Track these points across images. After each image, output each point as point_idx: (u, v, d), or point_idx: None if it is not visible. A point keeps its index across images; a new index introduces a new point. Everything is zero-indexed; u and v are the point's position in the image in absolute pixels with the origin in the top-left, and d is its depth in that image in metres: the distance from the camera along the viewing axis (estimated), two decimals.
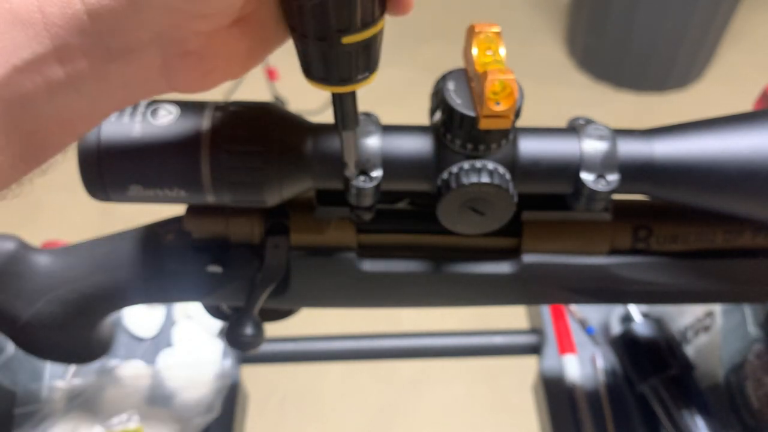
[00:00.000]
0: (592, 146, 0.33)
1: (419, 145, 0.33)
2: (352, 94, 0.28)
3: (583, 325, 0.62)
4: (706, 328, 0.55)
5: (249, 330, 0.36)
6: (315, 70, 0.26)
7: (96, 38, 0.22)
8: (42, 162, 0.24)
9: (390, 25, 0.26)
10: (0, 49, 0.21)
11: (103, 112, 0.25)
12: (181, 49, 0.24)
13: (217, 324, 0.60)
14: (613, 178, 0.32)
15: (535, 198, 0.36)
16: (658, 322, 0.57)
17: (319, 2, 0.23)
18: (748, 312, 0.51)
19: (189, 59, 0.24)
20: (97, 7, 0.21)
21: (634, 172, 0.33)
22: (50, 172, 0.26)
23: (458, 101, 0.31)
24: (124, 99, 0.25)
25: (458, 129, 0.31)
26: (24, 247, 0.40)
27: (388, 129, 0.33)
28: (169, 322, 0.61)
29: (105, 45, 0.22)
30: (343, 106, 0.28)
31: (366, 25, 0.24)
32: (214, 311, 0.43)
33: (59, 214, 1.39)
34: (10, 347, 0.54)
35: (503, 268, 0.38)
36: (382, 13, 0.25)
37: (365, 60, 0.25)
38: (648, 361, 0.55)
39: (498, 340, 0.64)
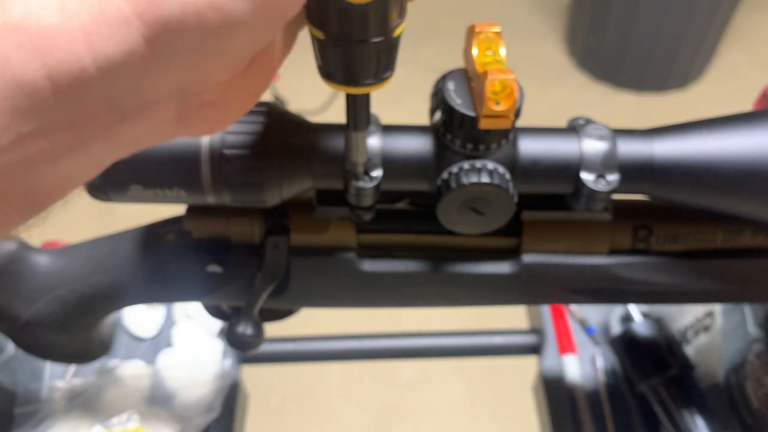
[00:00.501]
0: (592, 146, 0.33)
1: (419, 145, 0.33)
2: (367, 96, 0.27)
3: (583, 325, 0.62)
4: (706, 328, 0.55)
5: (249, 330, 0.36)
6: (335, 72, 0.25)
7: (109, 102, 0.20)
8: (40, 212, 0.22)
9: None
10: (4, 116, 0.19)
11: (108, 163, 0.23)
12: (199, 101, 0.22)
13: (217, 324, 0.60)
14: (613, 178, 0.32)
15: (535, 198, 0.36)
16: (658, 322, 0.57)
17: (362, 7, 0.22)
18: (748, 312, 0.51)
19: (206, 110, 0.23)
20: (110, 65, 0.19)
21: (634, 172, 0.33)
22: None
23: (458, 101, 0.31)
24: (132, 150, 0.23)
25: (458, 129, 0.31)
26: (24, 247, 0.40)
27: (388, 129, 0.33)
28: (169, 322, 0.61)
29: (118, 107, 0.20)
30: (357, 107, 0.28)
31: (395, 27, 0.24)
32: (214, 311, 0.43)
33: (59, 214, 1.39)
34: (10, 347, 0.54)
35: (503, 268, 0.38)
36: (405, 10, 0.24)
37: (387, 60, 0.25)
38: (648, 361, 0.55)
39: (498, 340, 0.64)
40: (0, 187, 0.20)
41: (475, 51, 0.30)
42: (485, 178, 0.31)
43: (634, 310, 0.59)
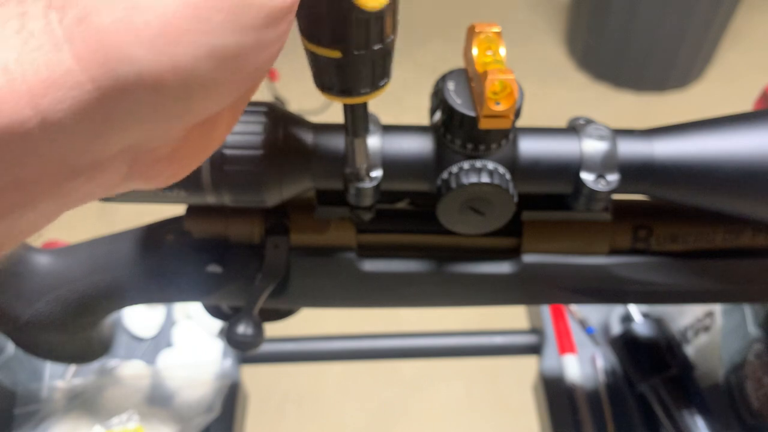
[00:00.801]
0: (592, 146, 0.33)
1: (419, 145, 0.33)
2: (364, 104, 0.27)
3: (583, 325, 0.62)
4: (706, 328, 0.55)
5: (249, 330, 0.36)
6: (331, 83, 0.25)
7: (57, 160, 0.18)
8: None
9: None
10: None
11: (55, 218, 0.21)
12: (153, 157, 0.21)
13: (217, 324, 0.60)
14: (613, 178, 0.32)
15: (535, 198, 0.36)
16: (658, 322, 0.57)
17: (365, 18, 0.22)
18: (748, 312, 0.51)
19: (158, 165, 0.21)
20: (59, 127, 0.17)
21: (634, 172, 0.33)
22: None
23: (458, 101, 0.31)
24: (80, 204, 0.21)
25: (458, 129, 0.31)
26: (24, 247, 0.40)
27: (388, 129, 0.33)
28: (169, 322, 0.61)
29: (68, 165, 0.19)
30: (355, 115, 0.28)
31: (394, 30, 0.24)
32: (214, 311, 0.43)
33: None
34: (10, 347, 0.54)
35: (503, 268, 0.38)
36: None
37: (383, 69, 0.25)
38: (648, 361, 0.55)
39: (498, 340, 0.64)
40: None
41: (475, 51, 0.30)
42: (485, 178, 0.31)
43: (634, 310, 0.59)
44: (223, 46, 0.17)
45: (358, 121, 0.28)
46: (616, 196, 0.35)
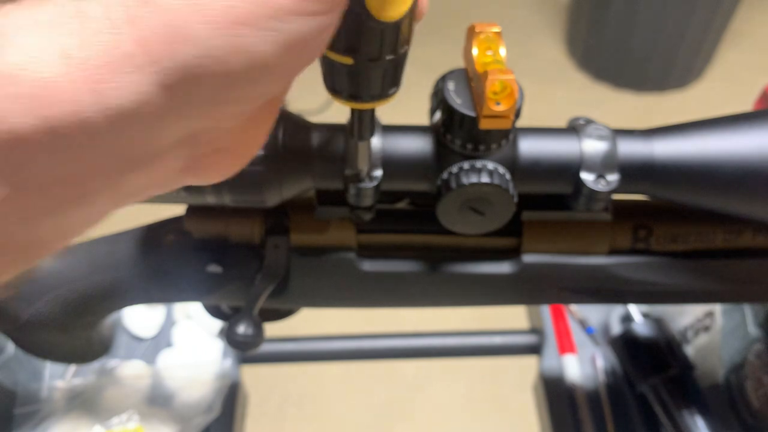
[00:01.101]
0: (592, 146, 0.33)
1: (419, 145, 0.33)
2: (372, 110, 0.27)
3: (583, 325, 0.62)
4: (706, 328, 0.55)
5: (249, 330, 0.36)
6: (341, 87, 0.25)
7: (116, 151, 0.18)
8: (35, 263, 0.20)
9: None
10: (6, 170, 0.17)
11: (108, 214, 0.21)
12: (211, 148, 0.21)
13: (217, 324, 0.60)
14: (613, 178, 0.32)
15: (535, 198, 0.36)
16: (658, 322, 0.57)
17: (380, 29, 0.22)
18: (748, 312, 0.51)
19: (217, 156, 0.22)
20: (119, 115, 0.17)
21: (634, 172, 0.33)
22: None
23: (458, 101, 0.31)
24: (134, 200, 0.21)
25: (458, 129, 0.31)
26: None
27: (388, 129, 0.33)
28: (169, 322, 0.61)
29: (126, 156, 0.18)
30: (362, 120, 0.28)
31: (407, 41, 0.24)
32: (214, 311, 0.43)
33: None
34: (10, 347, 0.54)
35: (503, 268, 0.38)
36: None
37: (393, 78, 0.25)
38: (648, 361, 0.55)
39: (498, 340, 0.64)
40: None
41: (475, 51, 0.30)
42: (485, 178, 0.31)
43: (634, 310, 0.59)
44: (289, 29, 0.17)
45: (364, 126, 0.28)
46: (616, 196, 0.35)
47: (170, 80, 0.17)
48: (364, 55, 0.23)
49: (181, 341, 0.60)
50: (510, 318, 0.74)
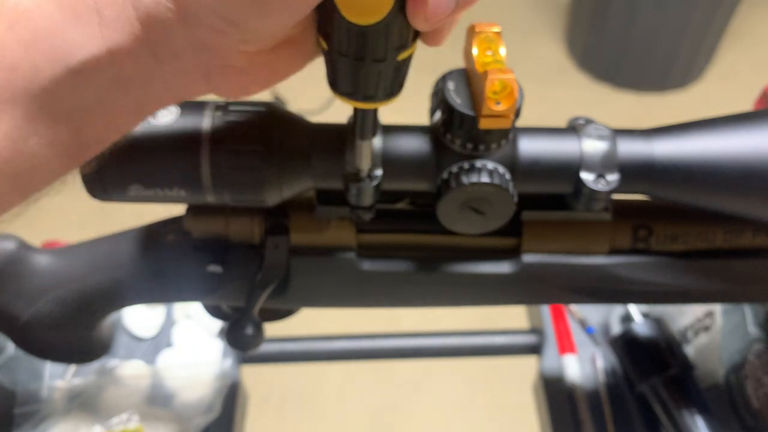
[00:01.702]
0: (592, 146, 0.33)
1: (419, 145, 0.33)
2: (375, 109, 0.28)
3: (583, 325, 0.62)
4: (706, 328, 0.55)
5: (249, 330, 0.36)
6: (344, 85, 0.26)
7: (144, 44, 0.22)
8: (86, 158, 0.24)
9: None
10: (59, 48, 0.21)
11: (148, 111, 0.25)
12: (224, 63, 0.24)
13: (217, 324, 0.60)
14: (613, 177, 0.32)
15: (535, 198, 0.36)
16: (658, 322, 0.57)
17: (365, 29, 0.23)
18: (748, 312, 0.51)
19: (230, 73, 0.25)
20: (148, 16, 0.22)
21: (634, 172, 0.33)
22: None
23: (458, 101, 0.31)
24: (168, 99, 0.25)
25: (458, 129, 0.31)
26: (24, 247, 0.40)
27: (388, 129, 0.33)
28: (169, 322, 0.61)
29: (152, 50, 0.23)
30: (365, 119, 0.28)
31: (403, 47, 0.24)
32: (214, 311, 0.43)
33: (59, 214, 1.39)
34: (10, 347, 0.54)
35: (503, 268, 0.38)
36: (415, 38, 0.25)
37: (392, 82, 0.26)
38: (648, 361, 0.55)
39: (498, 340, 0.64)
40: (54, 120, 0.22)
41: (475, 51, 0.30)
42: (485, 178, 0.31)
43: (634, 310, 0.59)
44: None
45: (366, 125, 0.28)
46: (616, 196, 0.35)
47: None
48: (363, 54, 0.24)
49: (181, 341, 0.59)
50: (510, 318, 0.74)
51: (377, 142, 0.32)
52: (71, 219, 1.39)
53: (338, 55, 0.24)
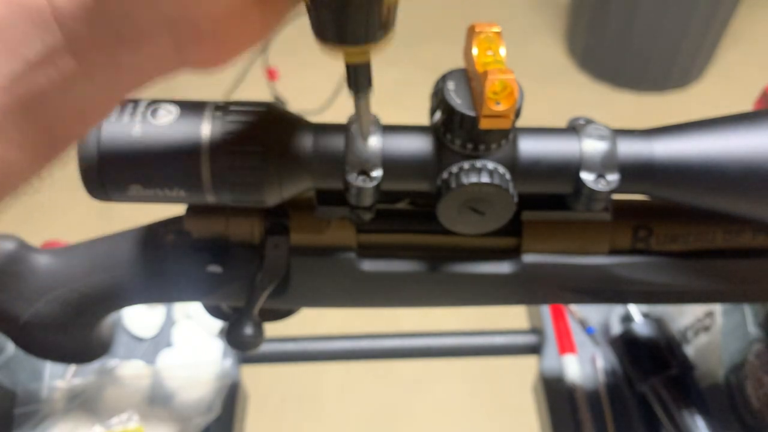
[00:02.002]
0: (592, 146, 0.33)
1: (419, 145, 0.33)
2: (366, 62, 0.27)
3: (583, 325, 0.62)
4: (706, 328, 0.55)
5: (249, 330, 0.36)
6: (325, 30, 0.25)
7: (106, 26, 0.22)
8: (58, 155, 0.24)
9: None
10: (11, 42, 0.21)
11: (118, 98, 0.25)
12: (194, 31, 0.24)
13: (217, 324, 0.60)
14: (613, 178, 0.32)
15: (535, 198, 0.36)
16: (658, 322, 0.57)
17: None
18: (748, 312, 0.51)
19: (201, 41, 0.24)
20: None
21: (634, 172, 0.33)
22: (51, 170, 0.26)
23: (458, 101, 0.31)
24: (138, 81, 0.25)
25: (458, 129, 0.31)
26: (24, 247, 0.40)
27: (388, 129, 0.33)
28: (169, 322, 0.61)
29: (115, 32, 0.22)
30: (358, 68, 0.27)
31: None
32: (214, 311, 0.43)
33: (59, 214, 1.39)
34: (10, 347, 0.54)
35: (503, 268, 0.38)
36: None
37: (379, 18, 0.25)
38: (648, 361, 0.55)
39: (498, 340, 0.64)
40: (21, 120, 0.21)
41: (475, 51, 0.30)
42: (485, 178, 0.31)
43: (634, 310, 0.59)
44: None
45: (360, 76, 0.27)
46: (616, 196, 0.35)
47: None
48: None
49: (181, 341, 0.60)
50: (510, 318, 0.74)
51: (377, 142, 0.32)
52: (71, 219, 1.39)
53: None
